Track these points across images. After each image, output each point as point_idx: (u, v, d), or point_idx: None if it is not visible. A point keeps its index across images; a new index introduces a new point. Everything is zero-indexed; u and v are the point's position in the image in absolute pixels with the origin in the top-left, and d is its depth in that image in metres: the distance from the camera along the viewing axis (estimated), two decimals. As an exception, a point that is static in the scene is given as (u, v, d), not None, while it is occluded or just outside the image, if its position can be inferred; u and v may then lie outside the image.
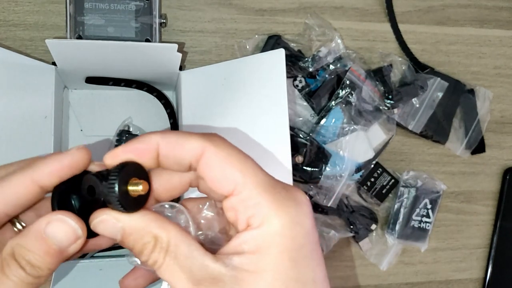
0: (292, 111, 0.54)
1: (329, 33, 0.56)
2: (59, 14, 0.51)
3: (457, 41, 0.61)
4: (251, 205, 0.23)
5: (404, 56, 0.59)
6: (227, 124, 0.44)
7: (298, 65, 0.54)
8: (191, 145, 0.24)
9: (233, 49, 0.55)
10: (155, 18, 0.49)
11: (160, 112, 0.51)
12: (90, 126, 0.51)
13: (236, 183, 0.24)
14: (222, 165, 0.24)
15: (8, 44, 0.50)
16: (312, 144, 0.52)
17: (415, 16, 0.60)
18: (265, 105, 0.43)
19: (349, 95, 0.54)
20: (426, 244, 0.58)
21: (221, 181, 0.24)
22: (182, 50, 0.54)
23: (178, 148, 0.25)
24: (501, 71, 0.62)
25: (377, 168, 0.56)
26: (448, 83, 0.58)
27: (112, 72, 0.48)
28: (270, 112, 0.43)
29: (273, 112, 0.43)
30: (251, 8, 0.56)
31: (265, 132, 0.43)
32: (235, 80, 0.45)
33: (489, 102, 0.60)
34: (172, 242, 0.23)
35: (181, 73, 0.47)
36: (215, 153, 0.24)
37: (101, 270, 0.43)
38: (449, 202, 0.60)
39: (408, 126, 0.57)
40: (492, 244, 0.60)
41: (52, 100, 0.45)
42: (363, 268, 0.57)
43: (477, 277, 0.61)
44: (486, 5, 0.62)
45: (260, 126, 0.43)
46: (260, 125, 0.43)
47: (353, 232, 0.55)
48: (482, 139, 0.60)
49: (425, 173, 0.58)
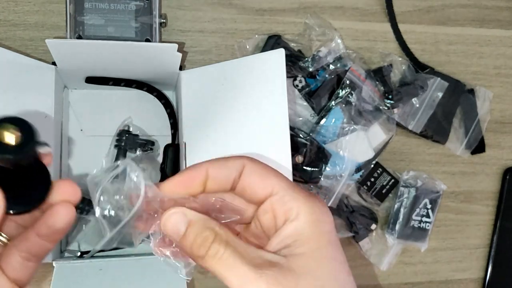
0: (292, 111, 0.54)
1: (329, 33, 0.56)
2: (59, 14, 0.51)
3: (457, 41, 0.61)
4: (287, 200, 0.29)
5: (404, 56, 0.59)
6: (227, 124, 0.44)
7: (298, 65, 0.54)
8: (233, 163, 0.30)
9: (233, 49, 0.55)
10: (155, 18, 0.49)
11: (160, 112, 0.51)
12: (90, 126, 0.51)
13: (273, 186, 0.29)
14: (261, 173, 0.30)
15: (8, 44, 0.50)
16: (312, 144, 0.52)
17: (415, 16, 0.60)
18: (265, 105, 0.43)
19: (349, 95, 0.54)
20: (426, 244, 0.58)
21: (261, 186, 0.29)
22: (182, 50, 0.54)
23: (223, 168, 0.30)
24: (501, 71, 0.62)
25: (377, 168, 0.56)
26: (448, 83, 0.58)
27: (112, 72, 0.48)
28: (270, 112, 0.43)
29: (273, 112, 0.43)
30: (251, 8, 0.56)
31: (265, 132, 0.43)
32: (235, 80, 0.45)
33: (489, 102, 0.60)
34: (230, 237, 0.27)
35: (181, 73, 0.47)
36: (253, 165, 0.30)
37: (101, 270, 0.43)
38: (449, 202, 0.60)
39: (408, 126, 0.57)
40: (492, 244, 0.60)
41: (52, 100, 0.45)
42: (363, 268, 0.57)
43: (477, 277, 0.61)
44: (486, 5, 0.62)
45: (260, 126, 0.43)
46: (260, 125, 0.43)
47: (353, 232, 0.55)
48: (482, 139, 0.60)
49: (425, 173, 0.58)
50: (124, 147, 0.49)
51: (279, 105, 0.43)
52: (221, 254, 0.26)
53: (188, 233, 0.27)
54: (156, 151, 0.51)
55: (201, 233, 0.27)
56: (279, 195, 0.29)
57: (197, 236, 0.27)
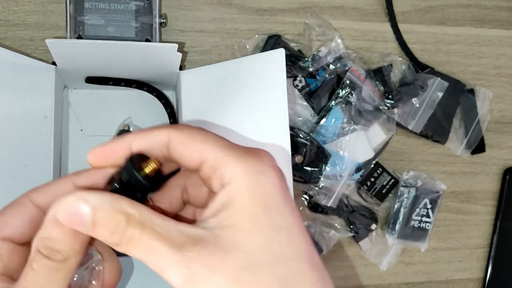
0: (292, 111, 0.54)
1: (329, 33, 0.56)
2: (59, 14, 0.51)
3: (457, 41, 0.61)
4: (218, 165, 0.25)
5: (404, 56, 0.59)
6: (227, 124, 0.44)
7: (298, 65, 0.54)
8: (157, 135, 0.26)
9: (233, 49, 0.55)
10: (155, 18, 0.49)
11: (160, 112, 0.51)
12: (90, 126, 0.51)
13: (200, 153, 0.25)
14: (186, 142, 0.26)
15: (8, 44, 0.50)
16: (312, 144, 0.52)
17: (415, 16, 0.60)
18: (265, 105, 0.43)
19: (349, 95, 0.54)
20: (426, 244, 0.58)
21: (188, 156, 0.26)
22: (182, 50, 0.54)
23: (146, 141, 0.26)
24: (501, 71, 0.62)
25: (377, 168, 0.56)
26: (448, 83, 0.58)
27: (112, 72, 0.48)
28: (270, 112, 0.43)
29: (273, 112, 0.43)
30: (251, 8, 0.56)
31: (265, 132, 0.43)
32: (235, 80, 0.45)
33: (489, 102, 0.60)
34: (144, 217, 0.23)
35: (181, 73, 0.47)
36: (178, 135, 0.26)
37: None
38: (449, 202, 0.60)
39: (408, 126, 0.57)
40: (492, 244, 0.60)
41: (52, 100, 0.45)
42: (363, 268, 0.57)
43: (477, 277, 0.61)
44: (486, 5, 0.62)
45: (260, 126, 0.43)
46: (260, 125, 0.43)
47: (353, 232, 0.55)
48: (482, 139, 0.60)
49: (425, 173, 0.58)
50: (124, 147, 0.49)
51: (279, 105, 0.43)
52: (137, 239, 0.23)
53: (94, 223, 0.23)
54: (156, 151, 0.51)
55: (111, 219, 0.23)
56: (209, 162, 0.25)
57: (107, 223, 0.23)
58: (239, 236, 0.23)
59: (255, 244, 0.23)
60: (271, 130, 0.43)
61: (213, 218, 0.24)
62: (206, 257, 0.22)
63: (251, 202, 0.24)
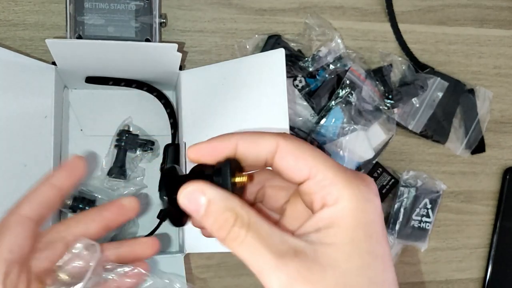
0: (292, 111, 0.54)
1: (329, 33, 0.56)
2: (59, 14, 0.51)
3: (457, 41, 0.61)
4: (326, 185, 0.25)
5: (404, 56, 0.59)
6: (227, 123, 0.44)
7: (298, 65, 0.54)
8: (266, 142, 0.27)
9: (233, 49, 0.55)
10: (155, 18, 0.49)
11: (160, 112, 0.51)
12: (90, 126, 0.51)
13: (310, 168, 0.26)
14: (296, 154, 0.26)
15: (8, 44, 0.50)
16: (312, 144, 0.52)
17: (415, 16, 0.60)
18: (265, 105, 0.43)
19: (349, 95, 0.54)
20: (426, 244, 0.58)
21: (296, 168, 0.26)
22: (182, 50, 0.54)
23: (254, 146, 0.27)
24: (501, 71, 0.62)
25: (377, 168, 0.56)
26: (448, 83, 0.58)
27: (112, 72, 0.48)
28: (270, 112, 0.43)
29: (273, 112, 0.43)
30: (251, 8, 0.56)
31: (265, 132, 0.43)
32: (235, 80, 0.45)
33: (489, 102, 0.60)
34: (252, 220, 0.25)
35: (181, 73, 0.47)
36: (287, 145, 0.27)
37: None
38: (449, 202, 0.60)
39: (408, 126, 0.57)
40: (492, 243, 0.60)
41: (52, 100, 0.45)
42: (363, 268, 0.57)
43: (477, 276, 0.61)
44: (486, 5, 0.62)
45: (260, 126, 0.43)
46: (260, 125, 0.43)
47: (353, 232, 0.55)
48: (482, 139, 0.60)
49: (425, 173, 0.58)
50: (124, 147, 0.49)
51: (279, 105, 0.43)
52: (242, 239, 0.24)
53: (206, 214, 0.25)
54: (156, 151, 0.51)
55: (221, 215, 0.25)
56: (316, 179, 0.26)
57: (217, 218, 0.25)
58: (339, 255, 0.24)
59: (353, 266, 0.24)
60: (271, 130, 0.42)
61: (315, 234, 0.25)
62: (304, 269, 0.24)
63: (355, 225, 0.25)
